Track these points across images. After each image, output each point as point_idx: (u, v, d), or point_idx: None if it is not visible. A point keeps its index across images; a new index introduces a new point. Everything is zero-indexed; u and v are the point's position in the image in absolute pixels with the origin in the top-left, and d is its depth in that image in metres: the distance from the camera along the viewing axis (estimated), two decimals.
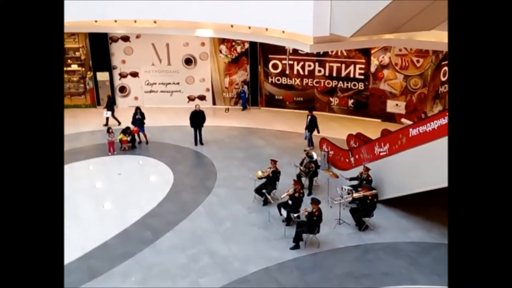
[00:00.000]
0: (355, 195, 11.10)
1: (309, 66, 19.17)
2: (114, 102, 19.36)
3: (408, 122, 14.07)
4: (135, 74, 20.09)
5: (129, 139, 15.79)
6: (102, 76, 19.77)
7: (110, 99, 18.10)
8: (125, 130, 15.73)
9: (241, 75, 20.11)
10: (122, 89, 20.21)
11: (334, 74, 18.88)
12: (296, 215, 10.49)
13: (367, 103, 18.69)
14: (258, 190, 12.09)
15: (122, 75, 20.08)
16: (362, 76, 18.48)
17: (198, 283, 9.13)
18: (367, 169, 11.85)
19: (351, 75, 18.63)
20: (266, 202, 11.93)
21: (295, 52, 18.07)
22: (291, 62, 18.97)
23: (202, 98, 20.34)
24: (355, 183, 11.99)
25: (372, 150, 12.38)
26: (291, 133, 17.08)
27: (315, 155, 13.13)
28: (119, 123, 17.48)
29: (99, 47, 19.44)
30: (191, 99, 20.31)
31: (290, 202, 10.98)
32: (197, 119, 16.06)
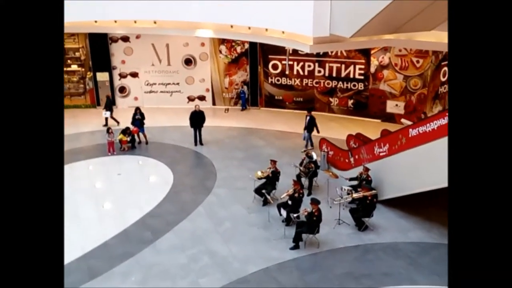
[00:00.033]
0: (355, 195, 11.10)
1: (309, 66, 19.18)
2: (113, 103, 19.38)
3: (408, 123, 14.09)
4: (135, 75, 20.09)
5: (129, 139, 15.79)
6: (102, 76, 19.77)
7: (109, 99, 18.10)
8: (124, 131, 15.73)
9: (241, 76, 20.11)
10: (122, 89, 20.21)
11: (334, 74, 18.89)
12: (295, 215, 10.50)
13: (367, 103, 18.70)
14: (258, 190, 12.10)
15: (122, 76, 20.08)
16: (362, 77, 18.49)
17: (198, 283, 9.13)
18: (366, 169, 11.86)
19: (351, 76, 18.64)
20: (265, 202, 11.94)
21: (295, 52, 18.07)
22: (291, 63, 18.97)
23: (202, 98, 20.35)
24: (355, 183, 11.99)
25: (371, 150, 12.39)
26: (291, 133, 17.09)
27: (314, 155, 13.14)
28: (117, 123, 17.48)
29: (99, 47, 19.44)
30: (191, 99, 20.31)
31: (289, 202, 10.99)
32: (197, 119, 16.06)
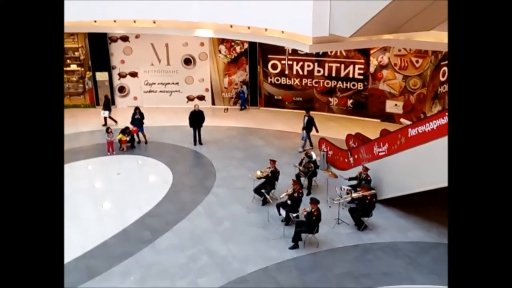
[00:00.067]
0: (354, 195, 11.11)
1: (308, 66, 19.18)
2: (112, 102, 19.40)
3: (407, 122, 14.09)
4: (134, 74, 20.08)
5: (128, 139, 15.78)
6: (101, 76, 19.76)
7: (108, 99, 18.09)
8: (124, 130, 15.72)
9: (240, 75, 20.11)
10: (121, 89, 20.20)
11: (333, 74, 18.88)
12: (295, 215, 10.50)
13: (366, 103, 18.70)
14: (257, 190, 12.09)
15: (121, 75, 20.07)
16: (361, 76, 18.49)
17: (197, 283, 9.13)
18: (366, 169, 11.86)
19: (350, 75, 18.64)
20: (265, 202, 11.93)
21: (294, 52, 18.07)
22: (290, 62, 18.96)
23: (201, 98, 20.35)
24: (354, 183, 11.99)
25: (371, 150, 12.39)
26: (290, 133, 17.08)
27: (314, 155, 13.14)
28: (115, 122, 17.50)
29: (98, 47, 19.42)
30: (190, 99, 20.31)
31: (289, 202, 10.98)
32: (196, 119, 16.06)
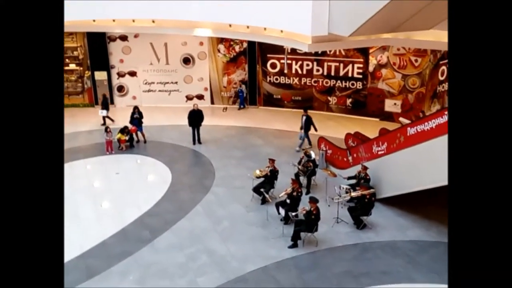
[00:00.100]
0: (353, 194, 11.11)
1: (307, 65, 19.17)
2: (111, 101, 19.39)
3: (406, 121, 14.10)
4: (133, 74, 20.04)
5: (127, 138, 15.77)
6: (100, 75, 19.72)
7: (105, 98, 18.05)
8: (123, 130, 15.71)
9: (239, 74, 20.09)
10: (120, 88, 20.17)
11: (333, 73, 18.87)
12: (294, 214, 10.50)
13: (365, 102, 18.70)
14: (256, 189, 12.09)
15: (120, 75, 20.04)
16: (361, 76, 18.48)
17: (196, 282, 9.13)
18: (365, 168, 11.86)
19: (350, 75, 18.63)
20: (264, 201, 11.93)
21: (294, 51, 18.07)
22: (289, 62, 18.95)
23: (200, 97, 20.33)
24: (353, 182, 12.00)
25: (370, 149, 12.40)
26: (289, 132, 17.06)
27: (313, 154, 13.13)
28: (112, 121, 17.49)
29: (97, 46, 19.38)
30: (189, 98, 20.29)
31: (288, 201, 10.97)
32: (195, 118, 16.04)
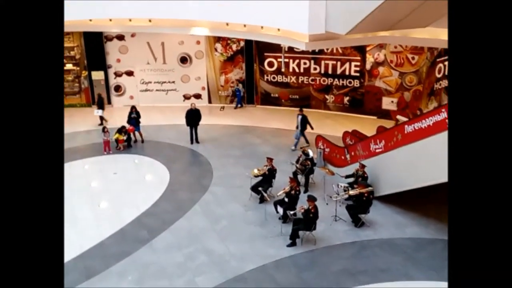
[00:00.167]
0: (351, 192, 11.13)
1: (304, 63, 19.17)
2: (108, 101, 19.36)
3: (404, 119, 14.11)
4: (130, 73, 20.00)
5: (125, 138, 15.74)
6: (97, 75, 19.68)
7: (101, 98, 17.99)
8: (120, 129, 15.69)
9: (236, 73, 20.08)
10: (118, 88, 20.13)
11: (330, 71, 18.88)
12: (292, 212, 10.51)
13: (362, 100, 18.71)
14: (254, 188, 12.10)
15: (117, 74, 20.00)
16: (358, 74, 18.49)
17: (195, 282, 9.13)
18: (362, 166, 11.88)
19: (347, 73, 18.64)
20: (262, 200, 11.93)
21: (291, 50, 18.05)
22: (286, 60, 18.94)
23: (197, 96, 20.30)
24: (351, 180, 12.01)
25: (367, 147, 12.41)
26: (287, 131, 17.05)
27: (311, 152, 13.14)
28: (105, 121, 17.50)
29: (94, 46, 19.33)
30: (186, 97, 20.26)
31: (286, 200, 10.98)
32: (192, 117, 16.03)
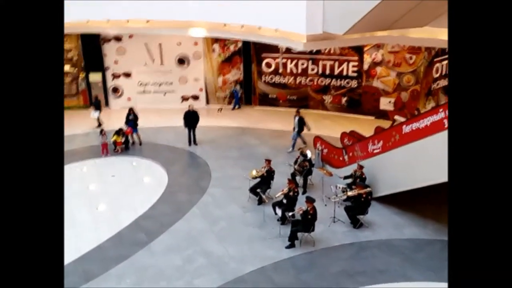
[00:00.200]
0: (350, 193, 11.12)
1: (302, 64, 19.16)
2: (106, 103, 19.36)
3: (401, 119, 14.11)
4: (128, 75, 19.97)
5: (123, 140, 15.70)
6: (95, 77, 19.66)
7: (98, 100, 17.94)
8: (118, 132, 15.64)
9: (234, 74, 20.06)
10: (115, 90, 20.09)
11: (327, 72, 18.89)
12: (291, 214, 10.49)
13: (360, 100, 18.72)
14: (253, 190, 12.08)
15: (115, 76, 19.96)
16: (355, 74, 18.50)
17: (193, 284, 9.10)
18: (361, 167, 11.87)
19: (344, 73, 18.65)
20: (260, 202, 11.92)
21: (288, 50, 18.04)
22: (284, 61, 18.95)
23: (195, 98, 20.28)
24: (350, 181, 12.00)
25: (365, 147, 12.41)
26: (285, 132, 17.03)
27: (309, 153, 13.14)
28: (100, 124, 17.46)
29: (91, 47, 19.30)
30: (184, 99, 20.23)
31: (284, 201, 10.97)
32: (190, 119, 15.99)
